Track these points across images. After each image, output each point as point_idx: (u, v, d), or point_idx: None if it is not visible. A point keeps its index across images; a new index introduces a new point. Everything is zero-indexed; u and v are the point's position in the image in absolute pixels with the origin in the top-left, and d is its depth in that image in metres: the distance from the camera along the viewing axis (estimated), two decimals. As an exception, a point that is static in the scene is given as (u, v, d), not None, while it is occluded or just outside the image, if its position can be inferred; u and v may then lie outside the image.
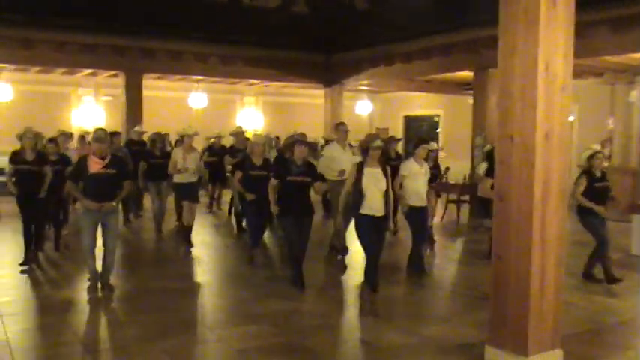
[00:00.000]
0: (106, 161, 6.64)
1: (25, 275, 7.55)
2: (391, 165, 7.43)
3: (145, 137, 12.44)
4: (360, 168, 6.48)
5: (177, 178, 9.46)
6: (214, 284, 7.70)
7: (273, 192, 7.13)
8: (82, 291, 6.87)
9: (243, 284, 7.45)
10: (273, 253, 9.39)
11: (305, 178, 7.11)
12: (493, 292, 4.83)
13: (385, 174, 6.54)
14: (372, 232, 6.41)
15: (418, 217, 7.90)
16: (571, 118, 17.85)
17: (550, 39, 4.44)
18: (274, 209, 7.17)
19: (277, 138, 13.91)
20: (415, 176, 7.78)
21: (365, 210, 6.36)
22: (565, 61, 4.55)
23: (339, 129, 9.26)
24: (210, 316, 6.33)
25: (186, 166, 9.26)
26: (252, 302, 6.62)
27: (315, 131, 16.07)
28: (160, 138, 11.13)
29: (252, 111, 20.61)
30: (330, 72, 16.85)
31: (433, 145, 9.15)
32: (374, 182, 6.40)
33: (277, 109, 20.70)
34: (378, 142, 6.61)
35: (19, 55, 13.37)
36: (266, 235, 9.92)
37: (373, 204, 6.38)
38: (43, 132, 10.74)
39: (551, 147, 4.52)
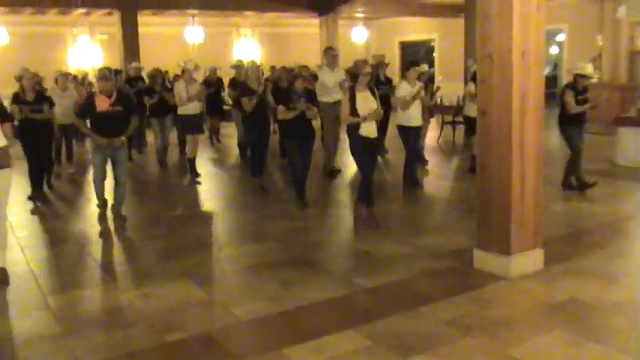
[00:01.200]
0: (113, 99, 6.92)
1: (36, 212, 7.94)
2: (380, 89, 7.92)
3: (143, 73, 12.70)
4: (352, 92, 6.81)
5: (181, 111, 9.57)
6: (221, 210, 8.14)
7: (281, 115, 7.52)
8: (94, 223, 7.31)
9: (249, 208, 7.90)
10: (277, 179, 9.81)
11: (306, 104, 7.44)
12: (479, 200, 5.26)
13: (374, 97, 6.90)
14: (366, 152, 6.83)
15: (411, 136, 8.37)
16: (561, 37, 18.04)
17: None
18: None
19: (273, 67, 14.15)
20: (409, 96, 8.18)
21: (360, 131, 6.71)
22: (539, -19, 4.83)
23: (328, 53, 9.95)
24: (219, 237, 6.79)
25: (188, 97, 9.36)
26: (259, 224, 7.07)
27: (312, 60, 16.25)
28: (159, 74, 11.30)
29: (248, 42, 20.68)
30: (324, 1, 16.85)
31: (423, 67, 9.47)
32: (366, 105, 6.73)
33: (274, 40, 20.77)
34: (367, 69, 7.03)
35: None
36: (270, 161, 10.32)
37: (367, 126, 6.73)
38: (41, 73, 11.14)
39: (528, 64, 4.84)
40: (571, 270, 5.17)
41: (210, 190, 9.25)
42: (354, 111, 6.67)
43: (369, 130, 6.75)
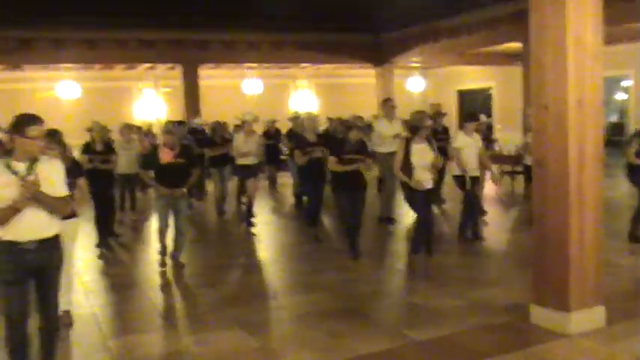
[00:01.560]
0: (176, 151, 7.24)
1: (101, 258, 8.16)
2: (437, 139, 7.93)
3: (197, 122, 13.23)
4: (407, 144, 6.86)
5: (240, 161, 9.90)
6: (275, 259, 8.19)
7: (332, 166, 7.55)
8: (155, 269, 7.48)
9: (303, 258, 7.93)
10: (332, 229, 9.82)
11: (359, 156, 7.48)
12: (535, 253, 5.12)
13: (432, 148, 6.94)
14: (420, 202, 6.86)
15: (468, 186, 8.22)
16: (628, 83, 17.65)
17: (579, 10, 4.66)
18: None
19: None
20: (466, 147, 8.13)
21: (414, 183, 6.74)
22: (595, 31, 4.76)
23: (386, 105, 9.97)
24: (272, 287, 6.83)
25: (247, 149, 9.74)
26: (311, 274, 7.07)
27: (368, 110, 16.43)
28: (219, 126, 11.59)
29: (305, 94, 21.03)
30: (379, 51, 17.08)
31: (482, 119, 9.44)
32: (422, 157, 6.80)
33: (330, 91, 21.04)
34: (428, 122, 7.12)
35: (84, 55, 14.23)
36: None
37: (422, 177, 6.79)
38: (109, 125, 11.58)
39: (584, 113, 4.75)
40: (636, 330, 4.94)
41: (265, 239, 9.34)
42: (407, 163, 6.73)
43: (421, 180, 6.77)
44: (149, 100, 18.95)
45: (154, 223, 10.34)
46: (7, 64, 14.91)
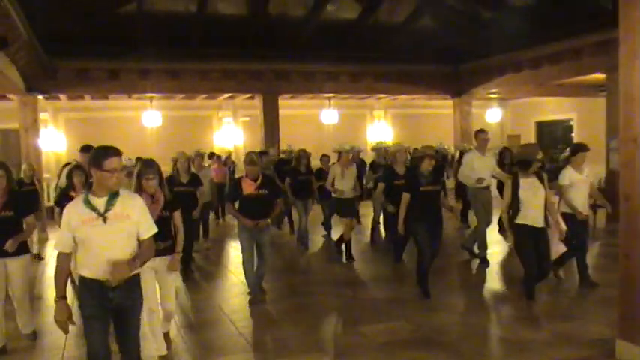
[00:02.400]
0: (258, 182, 7.11)
1: (183, 286, 8.33)
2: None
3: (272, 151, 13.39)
4: (515, 179, 6.59)
5: (337, 195, 9.67)
6: (356, 287, 8.18)
7: (405, 206, 7.23)
8: (235, 295, 7.64)
9: (384, 288, 7.92)
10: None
11: (435, 187, 7.25)
12: (621, 288, 4.97)
13: (542, 183, 6.60)
14: (532, 243, 6.50)
15: (582, 227, 7.45)
16: None
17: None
18: (401, 227, 7.28)
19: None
20: (577, 185, 7.36)
21: (524, 220, 6.46)
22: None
23: (479, 137, 9.23)
24: (354, 315, 6.78)
25: (345, 183, 9.58)
26: (393, 303, 7.06)
27: (444, 141, 16.34)
28: (304, 155, 11.30)
29: (381, 124, 21.10)
30: (458, 82, 17.04)
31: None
32: (532, 192, 6.50)
33: (406, 121, 21.04)
34: (540, 156, 6.71)
35: (167, 84, 14.79)
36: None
37: (532, 214, 6.48)
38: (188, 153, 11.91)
39: (675, 148, 4.59)
40: None
41: (345, 269, 9.27)
42: (516, 200, 6.49)
43: (532, 218, 6.47)
44: (228, 129, 19.45)
45: (231, 252, 10.59)
46: (96, 93, 15.68)
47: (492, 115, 21.32)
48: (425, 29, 15.49)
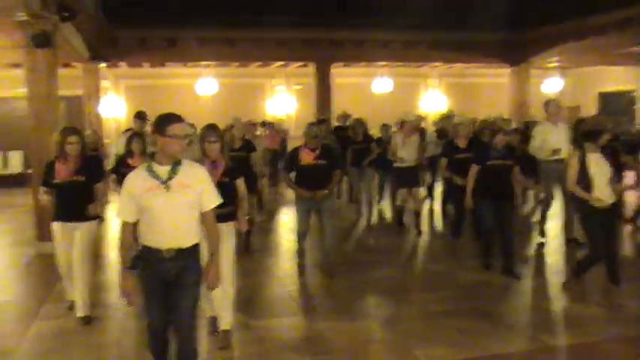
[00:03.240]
0: (317, 152, 6.95)
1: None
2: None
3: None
4: (582, 154, 6.03)
5: (397, 163, 9.58)
6: (409, 258, 8.26)
7: (472, 178, 7.02)
8: (286, 261, 7.83)
9: (437, 260, 7.95)
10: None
11: (505, 162, 6.94)
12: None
13: (607, 159, 6.10)
14: (599, 223, 5.97)
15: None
16: None
17: None
18: (469, 200, 7.05)
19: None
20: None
21: (594, 200, 5.91)
22: None
23: (550, 106, 8.67)
24: (404, 283, 6.89)
25: (406, 152, 9.43)
26: (444, 274, 7.10)
27: (500, 111, 16.05)
28: (360, 124, 11.13)
29: (435, 93, 20.87)
30: (516, 50, 16.61)
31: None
32: (599, 169, 5.97)
33: (461, 90, 20.72)
34: (609, 127, 6.22)
35: (223, 52, 15.02)
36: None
37: (601, 193, 5.93)
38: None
39: None
40: None
41: (399, 239, 9.28)
42: (584, 177, 5.94)
43: (603, 197, 5.92)
44: (281, 97, 19.59)
45: (285, 220, 10.73)
46: (155, 61, 16.01)
47: (551, 86, 20.70)
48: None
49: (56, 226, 5.67)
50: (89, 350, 5.02)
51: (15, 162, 17.39)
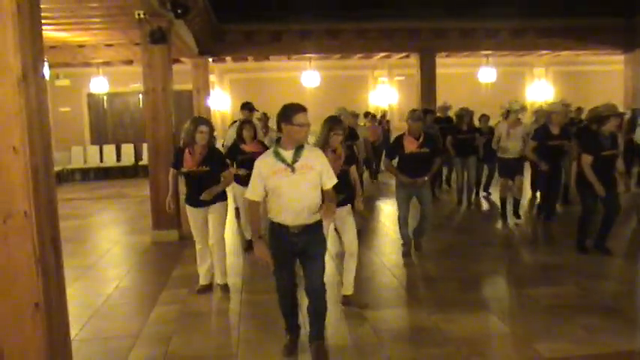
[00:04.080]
0: (420, 140, 7.13)
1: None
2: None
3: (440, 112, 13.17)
4: None
5: (500, 154, 9.55)
6: (518, 249, 8.04)
7: (589, 168, 6.88)
8: (394, 252, 7.77)
9: (544, 251, 7.74)
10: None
11: (613, 151, 6.90)
12: None
13: None
14: None
15: None
16: None
17: None
18: (600, 189, 6.83)
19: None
20: None
21: None
22: None
23: None
24: (517, 276, 6.68)
25: (511, 143, 9.35)
26: (558, 268, 6.83)
27: (613, 101, 15.25)
28: (467, 113, 11.12)
29: (541, 83, 20.13)
30: (630, 36, 15.76)
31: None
32: None
33: (569, 79, 19.89)
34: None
35: (326, 45, 15.18)
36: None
37: None
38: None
39: None
40: None
41: (502, 229, 9.15)
42: None
43: None
44: (383, 88, 19.51)
45: (386, 209, 10.74)
46: (260, 55, 16.38)
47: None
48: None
49: (189, 210, 6.17)
50: (210, 334, 5.19)
51: (127, 155, 18.28)
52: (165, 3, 8.36)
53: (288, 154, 4.15)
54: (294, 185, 4.12)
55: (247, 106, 9.32)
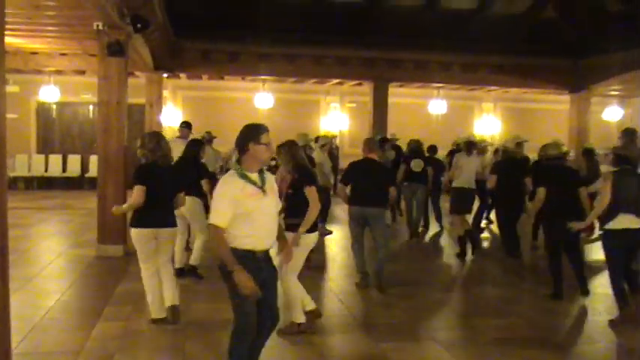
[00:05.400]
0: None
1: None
2: None
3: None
4: None
5: (456, 183, 9.58)
6: (469, 281, 8.23)
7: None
8: (341, 278, 7.76)
9: (498, 284, 7.92)
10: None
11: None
12: None
13: None
14: None
15: None
16: None
17: None
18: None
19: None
20: None
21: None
22: None
23: (627, 135, 8.53)
24: (467, 307, 6.86)
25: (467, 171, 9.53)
26: (506, 300, 6.97)
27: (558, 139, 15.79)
28: (417, 144, 11.18)
29: (489, 118, 20.69)
30: (577, 77, 16.33)
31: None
32: None
33: (516, 116, 20.49)
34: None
35: (283, 68, 15.25)
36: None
37: None
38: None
39: None
40: None
41: (459, 262, 9.15)
42: None
43: None
44: (335, 114, 19.71)
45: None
46: (217, 74, 16.39)
47: (612, 114, 20.22)
48: (546, 21, 15.00)
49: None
50: (155, 353, 5.11)
51: (73, 166, 17.89)
52: (124, 16, 8.30)
53: (254, 177, 3.94)
54: (266, 209, 3.96)
55: (188, 125, 9.53)
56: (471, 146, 9.82)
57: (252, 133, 3.94)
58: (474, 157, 9.82)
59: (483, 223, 11.79)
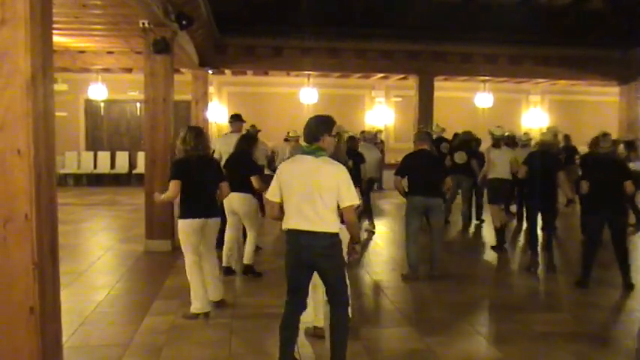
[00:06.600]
0: None
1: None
2: None
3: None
4: None
5: (491, 174, 9.67)
6: (512, 275, 8.06)
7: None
8: (387, 271, 7.72)
9: (541, 279, 7.71)
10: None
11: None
12: None
13: None
14: None
15: None
16: None
17: None
18: None
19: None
20: None
21: None
22: None
23: None
24: (512, 301, 6.69)
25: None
26: (550, 293, 6.88)
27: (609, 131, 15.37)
28: (472, 137, 11.36)
29: (537, 111, 20.29)
30: (626, 68, 15.90)
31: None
32: None
33: (564, 108, 20.07)
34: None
35: (326, 63, 15.18)
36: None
37: None
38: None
39: None
40: None
41: (502, 255, 9.03)
42: None
43: None
44: (380, 109, 19.60)
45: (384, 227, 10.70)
46: (260, 70, 16.46)
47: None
48: (594, 12, 14.60)
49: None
50: (201, 347, 5.15)
51: (121, 162, 18.23)
52: (170, 14, 8.39)
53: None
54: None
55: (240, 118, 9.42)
56: (498, 140, 9.81)
57: (327, 125, 4.22)
58: (504, 149, 9.79)
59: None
